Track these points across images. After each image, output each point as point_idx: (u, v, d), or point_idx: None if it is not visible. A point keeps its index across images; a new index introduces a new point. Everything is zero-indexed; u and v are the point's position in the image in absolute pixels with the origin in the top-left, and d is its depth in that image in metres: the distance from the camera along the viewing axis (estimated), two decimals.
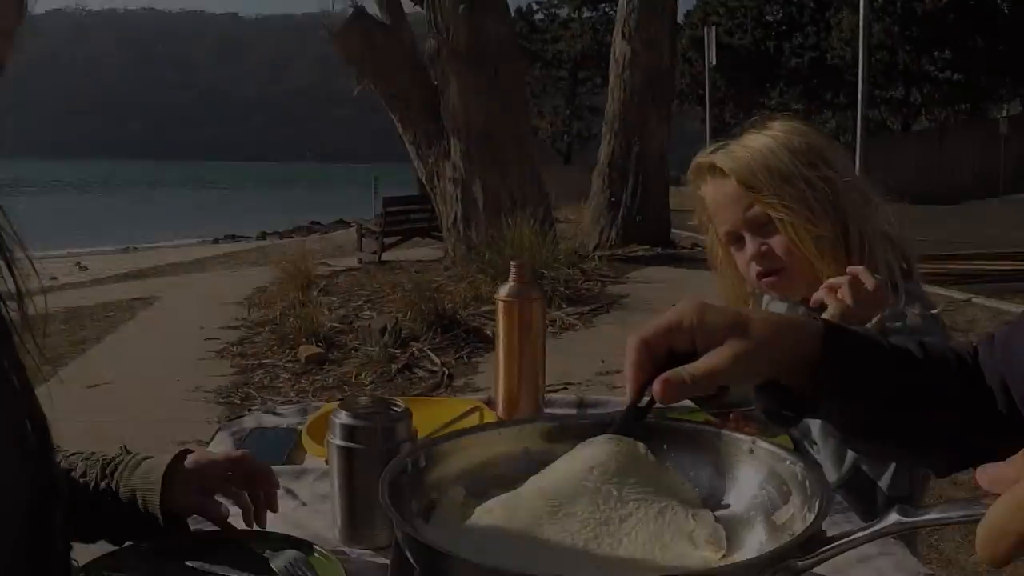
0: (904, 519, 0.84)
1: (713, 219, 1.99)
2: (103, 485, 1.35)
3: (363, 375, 7.24)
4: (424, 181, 13.93)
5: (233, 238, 30.19)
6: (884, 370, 1.03)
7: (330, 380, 7.25)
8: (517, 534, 0.93)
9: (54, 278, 15.73)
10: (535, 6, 49.81)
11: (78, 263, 19.69)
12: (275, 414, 2.07)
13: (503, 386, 2.04)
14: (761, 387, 1.04)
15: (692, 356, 0.96)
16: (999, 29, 34.85)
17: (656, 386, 0.95)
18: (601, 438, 1.00)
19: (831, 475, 1.73)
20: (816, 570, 1.22)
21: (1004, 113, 39.31)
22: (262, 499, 1.40)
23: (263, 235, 30.27)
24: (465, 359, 7.74)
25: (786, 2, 39.48)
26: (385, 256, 14.72)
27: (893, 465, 1.70)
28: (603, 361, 7.57)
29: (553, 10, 49.38)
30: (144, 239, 30.40)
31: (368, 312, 9.66)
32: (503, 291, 1.99)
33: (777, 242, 1.86)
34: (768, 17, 40.62)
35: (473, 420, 1.99)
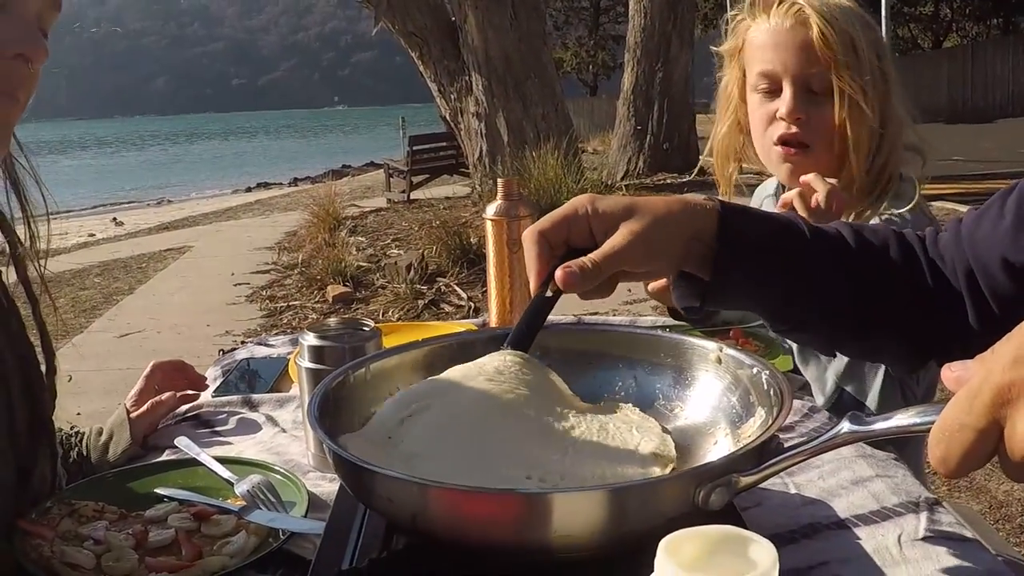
0: (857, 428, 0.80)
1: (750, 55, 1.79)
2: (73, 454, 1.52)
3: (390, 312, 7.25)
4: (448, 118, 13.83)
5: (265, 186, 30.24)
6: (777, 243, 1.00)
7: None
8: (454, 443, 0.90)
9: (91, 235, 15.88)
10: None
11: (114, 219, 19.82)
12: (267, 345, 2.06)
13: (495, 307, 2.00)
14: (676, 282, 1.02)
15: (591, 249, 0.95)
16: None
17: (558, 274, 0.94)
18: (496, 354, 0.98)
19: (818, 398, 1.65)
20: (805, 492, 1.19)
21: None
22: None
23: (294, 181, 30.28)
24: None
25: None
26: (414, 195, 14.67)
27: (877, 383, 1.60)
28: (630, 290, 7.52)
29: None
30: (178, 192, 30.58)
31: (395, 251, 9.65)
32: (491, 210, 1.94)
33: (821, 116, 1.70)
34: None
35: None
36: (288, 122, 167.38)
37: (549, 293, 0.97)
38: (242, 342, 2.58)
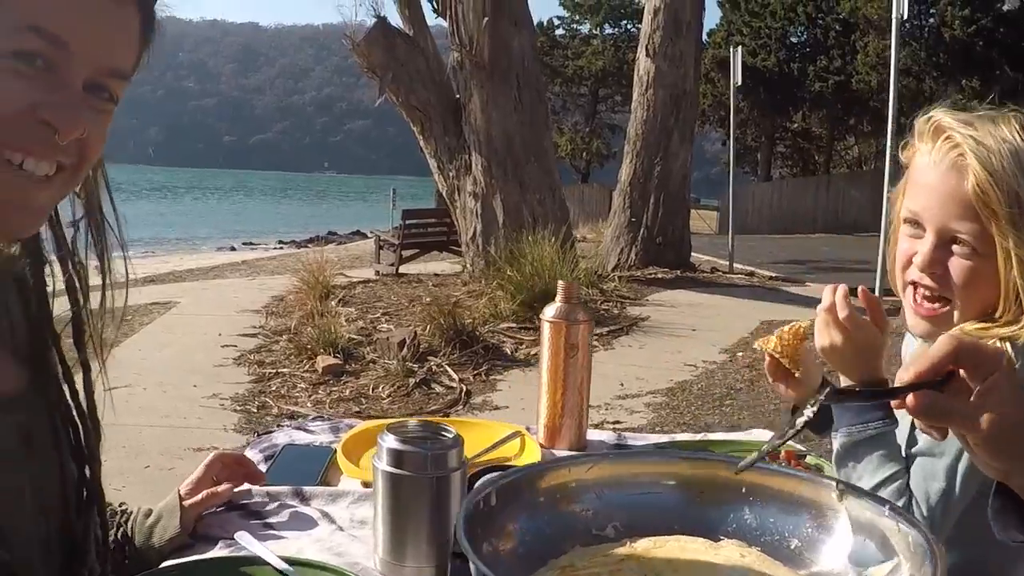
0: None
1: (908, 182, 1.65)
2: (116, 533, 1.46)
3: (380, 388, 7.18)
4: (444, 195, 13.87)
5: (251, 246, 30.22)
6: None
7: (347, 392, 7.18)
8: None
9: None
10: (556, 21, 49.65)
11: (96, 267, 19.65)
12: (306, 431, 2.01)
13: (545, 410, 1.97)
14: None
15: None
16: None
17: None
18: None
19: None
20: None
21: None
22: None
23: (280, 244, 30.29)
24: (483, 376, 7.67)
25: (811, 24, 39.22)
26: (402, 269, 14.66)
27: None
28: (622, 384, 7.49)
29: (575, 26, 49.26)
30: (163, 246, 30.49)
31: (386, 325, 9.60)
32: (549, 312, 1.92)
33: (966, 270, 1.54)
34: (792, 39, 40.29)
35: (514, 447, 1.92)
36: (277, 183, 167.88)
37: (810, 415, 0.93)
38: (278, 425, 2.52)
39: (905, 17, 10.37)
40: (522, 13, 13.20)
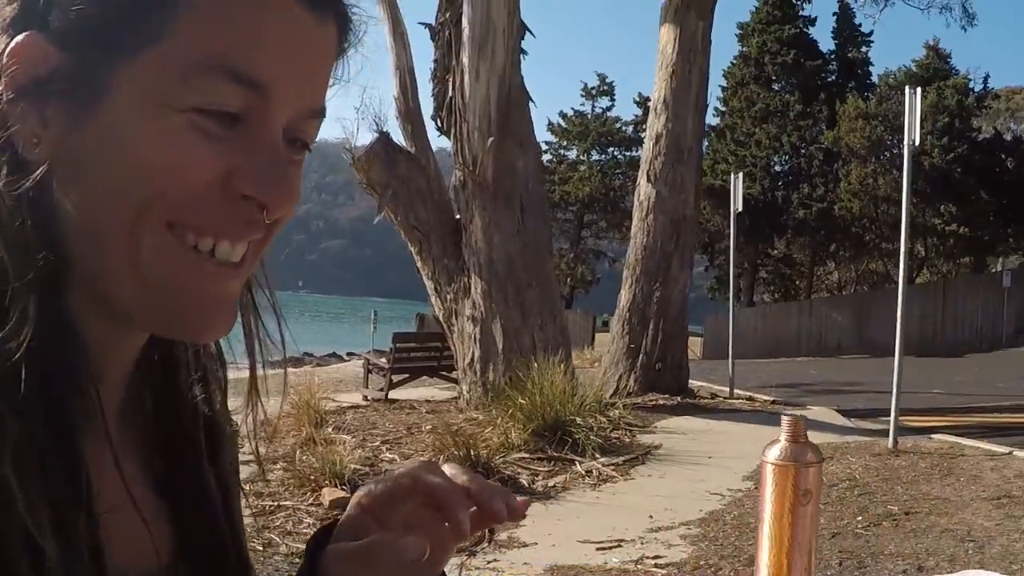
0: None
1: None
2: None
3: None
4: (441, 318, 13.47)
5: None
6: None
7: None
8: None
9: None
10: (544, 146, 50.18)
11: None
12: None
13: (768, 571, 1.54)
14: None
15: None
16: (1004, 184, 35.26)
17: None
18: None
19: None
20: None
21: (999, 267, 39.52)
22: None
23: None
24: None
25: (795, 153, 39.81)
26: (392, 394, 14.15)
27: None
28: (651, 516, 7.05)
29: (562, 151, 49.69)
30: None
31: (389, 454, 9.07)
32: (773, 454, 1.53)
33: None
34: (776, 167, 40.85)
35: None
36: None
37: None
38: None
39: (917, 143, 10.21)
40: (527, 134, 13.00)
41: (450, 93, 12.85)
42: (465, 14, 12.50)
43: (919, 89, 10.23)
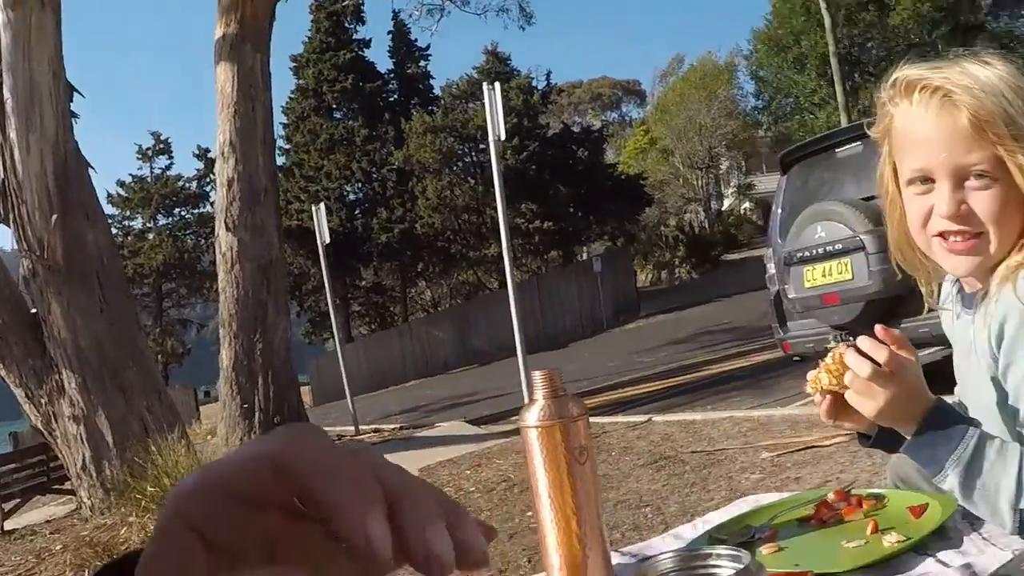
0: None
1: (897, 147, 1.62)
2: None
3: None
4: (40, 426, 12.02)
5: None
6: None
7: None
8: None
9: None
10: (109, 219, 47.12)
11: None
12: None
13: (562, 550, 1.37)
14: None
15: None
16: (578, 174, 37.15)
17: None
18: None
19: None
20: None
21: (586, 254, 41.88)
22: None
23: None
24: None
25: (367, 179, 39.97)
26: (7, 524, 12.46)
27: None
28: None
29: (127, 223, 47.01)
30: None
31: None
32: (532, 416, 1.38)
33: (989, 198, 1.52)
34: (351, 196, 40.84)
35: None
36: None
37: None
38: None
39: (503, 138, 10.37)
40: (93, 204, 11.87)
41: (1, 174, 11.46)
42: (6, 84, 11.20)
43: (497, 84, 10.37)
